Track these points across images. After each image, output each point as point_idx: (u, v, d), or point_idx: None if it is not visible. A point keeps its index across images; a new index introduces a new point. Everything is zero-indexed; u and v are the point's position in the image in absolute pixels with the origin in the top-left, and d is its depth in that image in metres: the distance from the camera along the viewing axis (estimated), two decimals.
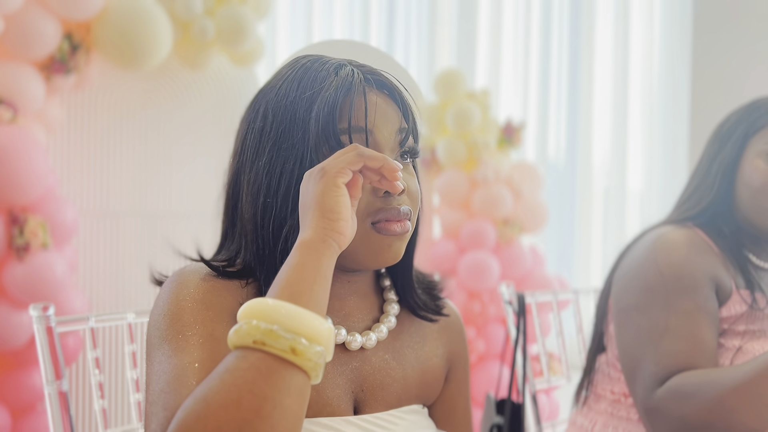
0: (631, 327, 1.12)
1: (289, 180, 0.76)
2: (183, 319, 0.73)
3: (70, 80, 1.88)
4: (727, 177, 1.21)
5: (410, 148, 0.81)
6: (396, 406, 0.85)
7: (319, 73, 0.79)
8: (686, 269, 1.12)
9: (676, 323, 1.08)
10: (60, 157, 2.00)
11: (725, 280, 1.14)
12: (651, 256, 1.15)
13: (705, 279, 1.12)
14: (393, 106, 0.80)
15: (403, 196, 0.78)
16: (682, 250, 1.14)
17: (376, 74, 0.81)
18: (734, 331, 1.13)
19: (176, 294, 0.75)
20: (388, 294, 0.88)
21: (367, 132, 0.77)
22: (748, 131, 1.21)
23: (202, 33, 2.02)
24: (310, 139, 0.76)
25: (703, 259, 1.14)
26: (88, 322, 1.05)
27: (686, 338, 1.06)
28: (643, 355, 1.09)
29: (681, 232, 1.18)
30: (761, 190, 1.17)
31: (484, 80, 3.20)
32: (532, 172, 2.68)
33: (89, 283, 2.04)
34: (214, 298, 0.75)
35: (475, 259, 2.50)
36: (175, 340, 0.72)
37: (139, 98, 2.11)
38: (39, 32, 1.76)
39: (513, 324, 1.31)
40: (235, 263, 0.80)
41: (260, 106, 0.81)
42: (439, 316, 0.90)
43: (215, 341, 0.73)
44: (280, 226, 0.76)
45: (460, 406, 0.94)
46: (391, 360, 0.85)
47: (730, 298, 1.14)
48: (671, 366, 1.05)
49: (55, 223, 1.79)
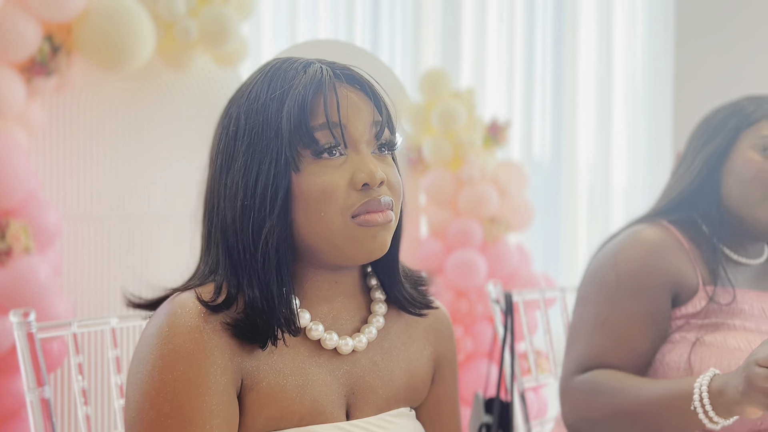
0: (577, 314, 1.19)
1: (265, 180, 0.76)
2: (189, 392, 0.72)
3: (51, 82, 1.85)
4: (714, 169, 1.22)
5: (387, 140, 0.81)
6: (385, 408, 0.84)
7: (288, 73, 0.79)
8: (642, 271, 1.14)
9: (615, 320, 1.13)
10: (42, 160, 1.98)
11: (690, 279, 1.16)
12: (614, 253, 1.18)
13: (660, 282, 1.14)
14: (365, 99, 0.80)
15: (383, 187, 0.78)
16: (642, 251, 1.16)
17: (346, 69, 0.81)
18: (692, 325, 1.15)
19: (163, 368, 0.72)
20: (375, 293, 0.87)
21: (341, 126, 0.77)
22: (741, 125, 1.21)
23: (185, 34, 2.01)
24: (284, 138, 0.76)
25: (664, 261, 1.16)
26: (70, 328, 1.03)
27: (619, 338, 1.11)
28: (577, 339, 1.15)
29: (651, 231, 1.19)
30: (752, 181, 1.17)
31: (468, 79, 3.21)
32: (517, 171, 2.69)
33: (73, 287, 2.02)
34: (203, 367, 0.73)
35: (462, 257, 2.50)
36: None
37: (122, 100, 2.09)
38: (19, 34, 1.74)
39: (500, 323, 1.31)
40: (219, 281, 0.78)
41: (232, 112, 0.81)
42: (429, 309, 0.89)
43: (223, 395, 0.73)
44: (260, 228, 0.76)
45: (447, 407, 0.93)
46: (379, 361, 0.84)
47: (695, 295, 1.16)
48: (595, 358, 1.11)
49: (38, 227, 1.76)
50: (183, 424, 0.71)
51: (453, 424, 0.94)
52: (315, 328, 0.80)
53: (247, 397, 0.76)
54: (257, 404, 0.76)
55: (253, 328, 0.75)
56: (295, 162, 0.76)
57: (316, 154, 0.77)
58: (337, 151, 0.77)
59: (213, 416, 0.72)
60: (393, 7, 3.02)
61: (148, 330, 0.76)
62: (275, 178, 0.76)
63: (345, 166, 0.77)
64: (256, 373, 0.76)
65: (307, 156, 0.77)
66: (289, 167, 0.76)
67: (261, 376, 0.76)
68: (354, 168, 0.77)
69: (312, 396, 0.78)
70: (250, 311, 0.76)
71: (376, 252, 0.78)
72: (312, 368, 0.79)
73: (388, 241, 0.79)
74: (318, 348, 0.81)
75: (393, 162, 0.83)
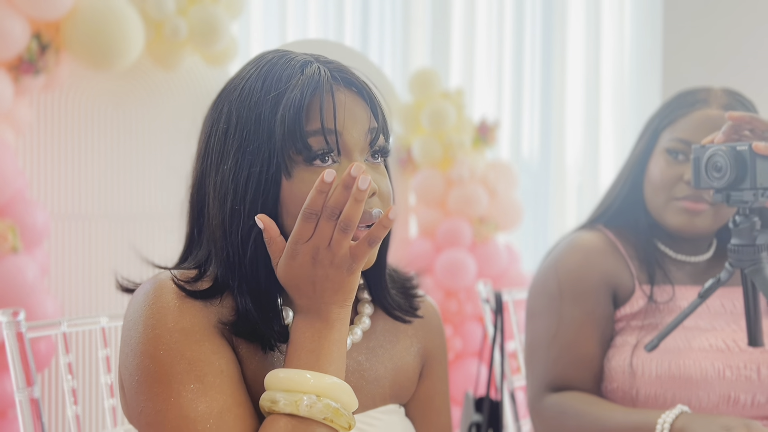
0: (530, 329, 1.20)
1: (256, 185, 0.74)
2: (173, 359, 0.72)
3: (39, 81, 1.84)
4: (638, 171, 1.22)
5: (381, 147, 0.79)
6: (371, 407, 0.84)
7: (284, 72, 0.76)
8: (580, 275, 1.16)
9: (563, 330, 1.14)
10: (29, 159, 1.96)
11: (626, 280, 1.17)
12: (554, 263, 1.19)
13: (599, 284, 1.16)
14: (362, 105, 0.78)
15: (374, 198, 0.76)
16: (578, 256, 1.18)
17: (344, 71, 0.79)
18: (632, 327, 1.15)
19: (155, 324, 0.72)
20: (361, 294, 0.87)
21: (336, 133, 0.75)
22: (659, 125, 1.20)
23: (174, 33, 2.00)
24: (276, 142, 0.74)
25: (600, 264, 1.17)
26: (60, 327, 1.03)
27: (571, 347, 1.14)
28: (536, 358, 1.17)
29: (586, 237, 1.20)
30: (658, 186, 1.17)
31: (458, 80, 3.21)
32: (506, 171, 2.70)
33: (61, 287, 2.00)
34: (195, 322, 0.73)
35: (452, 257, 2.51)
36: (168, 380, 0.71)
37: (111, 99, 2.08)
38: (6, 32, 1.72)
39: (491, 322, 1.32)
40: (205, 271, 0.78)
41: (223, 106, 0.79)
42: (413, 317, 0.89)
43: (205, 367, 0.72)
44: (248, 232, 0.75)
45: (437, 401, 0.93)
46: (364, 362, 0.84)
47: (632, 296, 1.17)
48: (555, 374, 1.14)
49: (25, 227, 1.75)
50: (188, 367, 0.70)
51: (443, 419, 0.93)
52: None
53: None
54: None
55: (251, 333, 0.76)
56: (287, 167, 0.74)
57: (308, 161, 0.74)
58: (330, 157, 0.75)
59: (217, 357, 0.72)
60: (382, 7, 3.02)
61: (134, 299, 0.76)
62: (266, 183, 0.74)
63: (337, 174, 0.74)
64: (243, 352, 0.77)
65: (299, 162, 0.74)
66: (280, 172, 0.74)
67: (247, 362, 0.76)
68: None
69: None
70: (244, 319, 0.75)
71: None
72: None
73: (375, 254, 0.78)
74: None
75: (385, 170, 0.81)
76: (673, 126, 1.18)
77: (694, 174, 1.02)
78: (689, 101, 1.18)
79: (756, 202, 0.97)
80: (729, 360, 1.11)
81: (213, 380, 0.71)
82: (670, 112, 1.19)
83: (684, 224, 1.16)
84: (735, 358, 1.11)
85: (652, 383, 1.10)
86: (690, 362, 1.10)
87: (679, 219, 1.16)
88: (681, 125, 1.17)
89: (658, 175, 1.17)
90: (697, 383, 1.10)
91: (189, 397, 0.69)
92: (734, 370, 1.10)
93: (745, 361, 1.11)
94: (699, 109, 1.16)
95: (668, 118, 1.19)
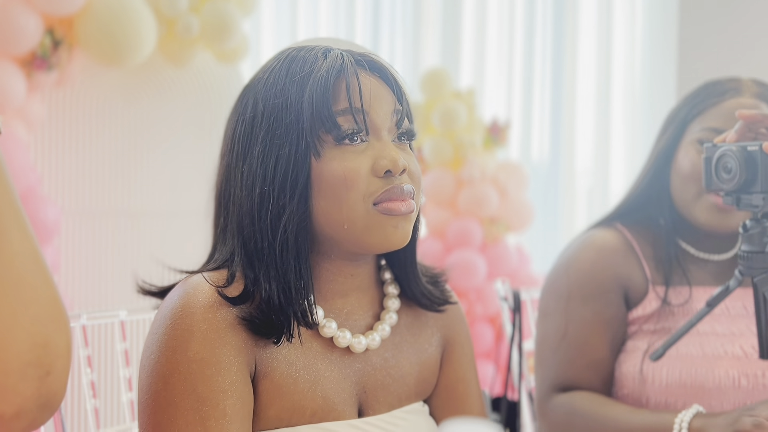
0: (540, 330, 1.16)
1: (285, 167, 0.74)
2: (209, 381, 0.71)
3: (51, 77, 1.84)
4: (663, 164, 1.16)
5: (407, 129, 0.80)
6: (397, 405, 0.83)
7: (308, 58, 0.77)
8: (591, 276, 1.12)
9: (573, 331, 1.10)
10: (41, 155, 1.96)
11: (638, 280, 1.13)
12: (566, 262, 1.16)
13: (610, 286, 1.12)
14: (386, 88, 0.79)
15: (404, 175, 0.77)
16: (590, 255, 1.13)
17: (366, 56, 0.80)
18: (644, 332, 1.11)
19: (176, 348, 0.71)
20: (388, 288, 0.86)
21: (363, 112, 0.75)
22: (688, 115, 1.14)
23: (186, 30, 2.00)
24: (305, 122, 0.74)
25: (613, 263, 1.12)
26: (79, 320, 1.02)
27: (580, 348, 1.10)
28: (545, 358, 1.13)
29: (600, 235, 1.16)
30: (688, 178, 1.11)
31: (468, 80, 3.21)
32: (517, 172, 2.69)
33: (71, 283, 2.00)
34: (215, 351, 0.72)
35: (462, 257, 2.49)
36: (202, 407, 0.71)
37: (122, 96, 2.07)
38: (20, 27, 1.72)
39: (509, 320, 1.30)
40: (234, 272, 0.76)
41: (249, 99, 0.79)
42: (447, 304, 0.88)
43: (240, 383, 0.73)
44: (279, 215, 0.74)
45: (459, 389, 0.90)
46: (390, 358, 0.83)
47: (645, 296, 1.12)
48: (566, 375, 1.10)
49: (37, 223, 1.75)
50: (196, 405, 0.70)
51: (468, 406, 0.90)
52: (328, 325, 0.78)
53: (260, 385, 0.75)
54: (269, 393, 0.75)
55: (268, 325, 0.74)
56: (316, 147, 0.74)
57: (337, 140, 0.75)
58: (359, 137, 0.76)
59: (226, 396, 0.71)
60: (393, 6, 3.01)
61: (161, 312, 0.75)
62: (295, 163, 0.74)
63: (366, 153, 0.76)
64: (270, 360, 0.75)
65: (329, 141, 0.75)
66: (309, 153, 0.74)
67: (274, 365, 0.75)
68: (376, 155, 0.76)
69: (323, 393, 0.77)
70: (266, 307, 0.74)
71: (398, 242, 0.77)
72: (323, 365, 0.78)
73: (410, 231, 0.77)
74: (330, 345, 0.79)
75: (412, 152, 0.82)
76: (702, 116, 1.13)
77: (705, 175, 0.97)
78: (719, 91, 1.13)
79: (767, 207, 0.92)
80: (746, 368, 1.06)
81: (214, 425, 0.70)
82: (698, 102, 1.14)
83: (713, 221, 1.10)
84: (752, 366, 1.06)
85: (662, 391, 1.07)
86: (703, 370, 1.06)
87: (708, 215, 1.10)
88: (712, 115, 1.12)
89: (689, 166, 1.11)
90: (710, 392, 1.05)
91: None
92: (751, 379, 1.06)
93: (763, 369, 1.06)
94: (731, 98, 1.11)
95: (696, 108, 1.14)
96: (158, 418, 0.70)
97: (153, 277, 0.84)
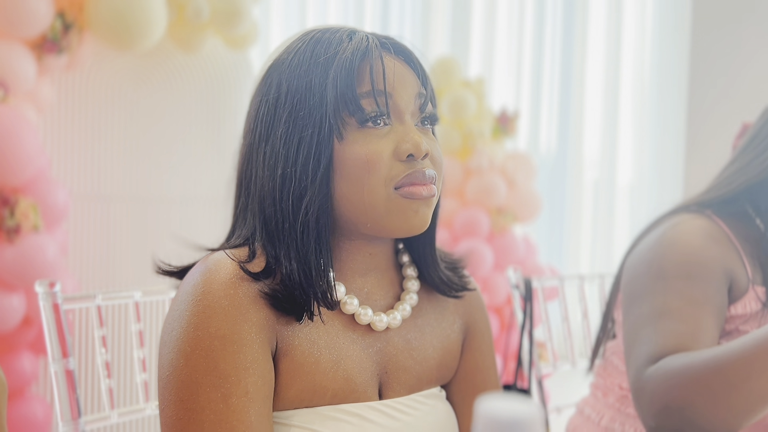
0: (632, 314, 1.03)
1: (308, 148, 0.74)
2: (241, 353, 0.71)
3: (61, 60, 1.83)
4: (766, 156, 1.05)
5: (430, 113, 0.80)
6: (417, 388, 0.83)
7: (332, 40, 0.77)
8: (697, 260, 1.00)
9: (678, 306, 0.96)
10: (51, 139, 1.96)
11: (740, 275, 1.03)
12: (662, 245, 1.04)
13: (718, 271, 1.01)
14: (410, 72, 0.79)
15: (426, 160, 0.76)
16: (695, 240, 1.02)
17: (391, 39, 0.80)
18: (741, 332, 1.03)
19: (198, 324, 0.71)
20: (407, 270, 0.86)
21: (387, 95, 0.75)
22: None
23: (196, 14, 1.99)
24: (329, 105, 0.74)
25: (719, 251, 1.03)
26: (95, 300, 1.02)
27: (687, 321, 0.95)
28: (639, 337, 0.98)
29: (697, 222, 1.06)
30: None
31: (477, 69, 3.19)
32: (526, 162, 2.68)
33: (79, 266, 2.00)
34: (237, 328, 0.72)
35: (469, 247, 2.49)
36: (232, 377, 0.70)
37: (132, 80, 2.07)
38: (31, 10, 1.71)
39: (519, 308, 1.30)
40: (254, 249, 0.76)
41: (272, 79, 0.78)
42: (465, 291, 0.88)
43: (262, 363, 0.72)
44: (300, 197, 0.74)
45: (478, 378, 0.90)
46: (413, 340, 0.83)
47: (745, 295, 1.03)
48: (667, 345, 0.93)
49: (47, 206, 1.75)
50: (217, 381, 0.69)
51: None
52: (350, 302, 0.78)
53: (281, 363, 0.75)
54: (291, 372, 0.74)
55: (290, 300, 0.74)
56: (339, 130, 0.74)
57: (361, 123, 0.75)
58: (382, 120, 0.76)
59: (248, 373, 0.71)
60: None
61: (182, 288, 0.75)
62: (318, 145, 0.74)
63: (389, 136, 0.75)
64: (291, 339, 0.75)
65: (352, 124, 0.75)
66: (332, 135, 0.74)
67: (296, 343, 0.75)
68: (399, 138, 0.75)
69: (345, 373, 0.76)
70: (288, 283, 0.74)
71: (417, 227, 0.76)
72: (346, 343, 0.77)
73: (429, 216, 0.77)
74: (352, 323, 0.79)
75: (435, 137, 0.81)
76: None
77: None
78: None
79: None
80: None
81: (236, 402, 0.70)
82: None
83: None
84: None
85: None
86: None
87: None
88: None
89: None
90: None
91: (211, 418, 0.69)
92: None
93: None
94: None
95: None
96: (180, 395, 0.70)
97: (166, 259, 0.84)
